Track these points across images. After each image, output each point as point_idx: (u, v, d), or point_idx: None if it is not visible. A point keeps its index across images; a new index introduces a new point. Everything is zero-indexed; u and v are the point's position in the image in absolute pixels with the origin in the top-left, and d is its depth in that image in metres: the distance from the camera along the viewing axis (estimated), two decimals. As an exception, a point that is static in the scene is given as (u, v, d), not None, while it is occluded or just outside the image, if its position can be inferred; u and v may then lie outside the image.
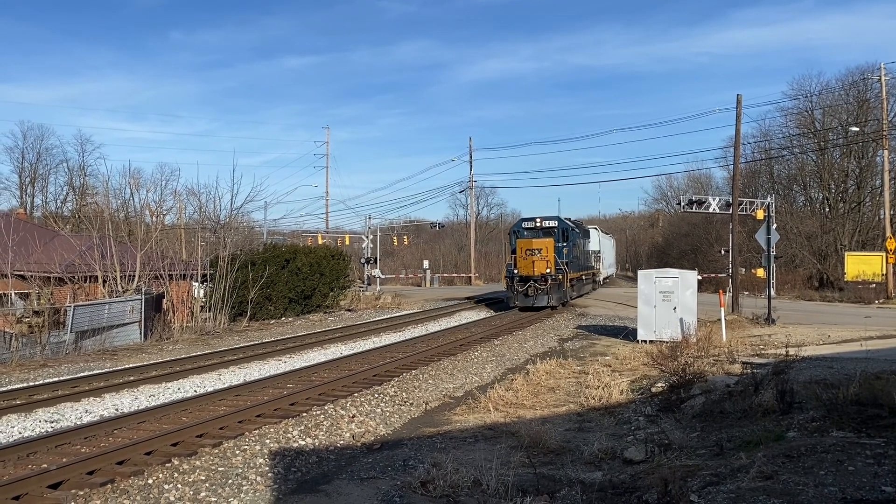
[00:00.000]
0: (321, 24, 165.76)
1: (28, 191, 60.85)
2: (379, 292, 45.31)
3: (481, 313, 32.90)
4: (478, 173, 54.84)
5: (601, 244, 48.18)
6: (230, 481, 7.78)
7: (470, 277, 65.59)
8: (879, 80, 43.98)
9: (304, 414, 10.92)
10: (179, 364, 17.03)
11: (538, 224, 31.52)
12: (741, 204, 30.74)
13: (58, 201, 60.44)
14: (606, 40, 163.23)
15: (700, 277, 24.20)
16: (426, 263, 65.46)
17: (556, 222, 31.55)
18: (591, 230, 44.18)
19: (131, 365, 17.02)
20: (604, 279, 52.16)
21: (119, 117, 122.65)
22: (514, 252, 31.17)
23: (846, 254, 45.49)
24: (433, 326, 26.91)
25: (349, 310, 34.92)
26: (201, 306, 27.15)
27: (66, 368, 16.87)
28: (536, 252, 29.80)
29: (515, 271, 30.09)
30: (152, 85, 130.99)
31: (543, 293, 29.38)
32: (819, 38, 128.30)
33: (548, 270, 29.35)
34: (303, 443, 9.48)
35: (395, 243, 63.32)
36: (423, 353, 18.12)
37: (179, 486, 7.59)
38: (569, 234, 31.68)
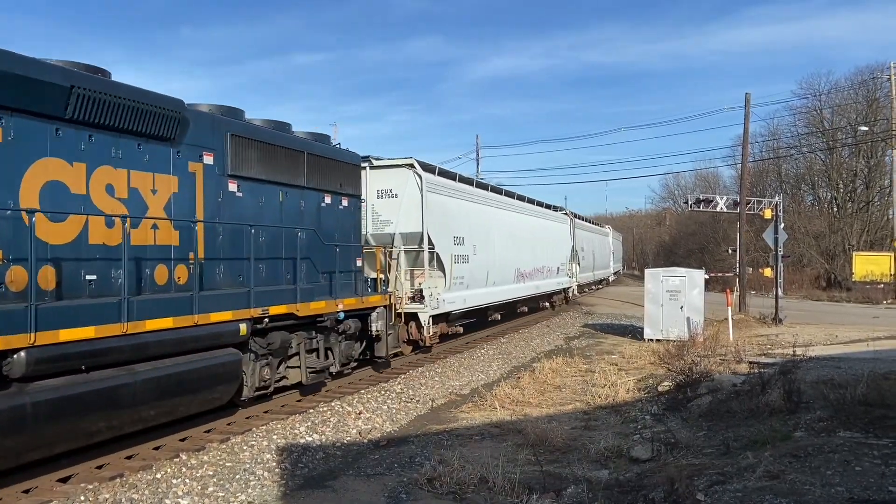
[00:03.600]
0: (331, 21, 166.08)
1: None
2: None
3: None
4: (485, 170, 54.69)
5: (437, 222, 16.77)
6: (238, 476, 7.82)
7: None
8: (889, 79, 43.79)
9: (311, 410, 10.97)
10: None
11: None
12: (749, 203, 30.58)
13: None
14: (617, 38, 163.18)
15: (707, 276, 24.01)
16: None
17: None
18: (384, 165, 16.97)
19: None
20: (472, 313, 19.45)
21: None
22: None
23: (854, 254, 45.39)
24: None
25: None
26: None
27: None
28: None
29: None
30: (162, 81, 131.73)
31: None
32: (830, 36, 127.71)
33: None
34: (310, 439, 9.52)
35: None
36: (427, 349, 18.14)
37: (188, 480, 7.63)
38: None
